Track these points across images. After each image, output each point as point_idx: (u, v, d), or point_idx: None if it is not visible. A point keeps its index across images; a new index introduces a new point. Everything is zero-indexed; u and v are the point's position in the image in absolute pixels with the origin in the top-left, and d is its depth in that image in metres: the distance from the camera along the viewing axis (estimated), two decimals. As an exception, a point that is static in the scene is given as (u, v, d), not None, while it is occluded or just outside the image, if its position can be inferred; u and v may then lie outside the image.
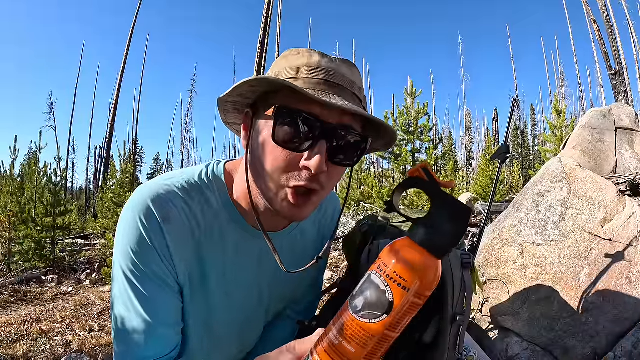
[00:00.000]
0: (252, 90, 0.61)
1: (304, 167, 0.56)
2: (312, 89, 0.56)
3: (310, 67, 0.58)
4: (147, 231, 0.60)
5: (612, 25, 8.64)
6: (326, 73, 0.58)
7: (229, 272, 0.70)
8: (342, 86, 0.58)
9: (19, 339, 2.60)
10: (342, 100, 0.55)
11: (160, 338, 0.62)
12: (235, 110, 0.68)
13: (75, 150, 28.17)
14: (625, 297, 1.50)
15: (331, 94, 0.56)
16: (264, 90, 0.61)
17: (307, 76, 0.57)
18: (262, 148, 0.59)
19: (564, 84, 29.40)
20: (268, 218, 0.68)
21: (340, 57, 0.62)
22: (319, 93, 0.55)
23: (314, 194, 0.60)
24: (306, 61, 0.59)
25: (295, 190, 0.58)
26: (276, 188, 0.59)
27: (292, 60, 0.60)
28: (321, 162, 0.54)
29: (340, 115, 0.56)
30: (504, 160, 1.16)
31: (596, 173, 1.98)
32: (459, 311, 0.77)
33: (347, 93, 0.59)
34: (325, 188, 0.60)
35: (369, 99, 32.60)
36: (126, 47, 15.87)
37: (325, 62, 0.59)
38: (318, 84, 0.57)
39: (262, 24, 8.73)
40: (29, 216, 5.02)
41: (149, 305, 0.61)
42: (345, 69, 0.60)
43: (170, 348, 0.64)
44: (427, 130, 7.23)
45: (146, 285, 0.61)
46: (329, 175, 0.59)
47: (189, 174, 0.68)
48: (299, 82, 0.57)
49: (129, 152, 11.05)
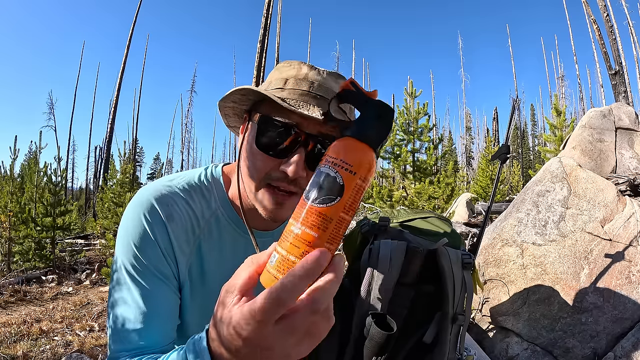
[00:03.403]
0: (245, 98, 0.66)
1: (282, 171, 0.60)
2: (295, 99, 0.60)
3: (296, 79, 0.63)
4: (152, 228, 0.63)
5: (612, 25, 8.64)
6: (310, 85, 0.62)
7: (227, 268, 0.72)
8: (324, 98, 0.62)
9: (19, 339, 2.60)
10: (320, 111, 0.58)
11: (157, 330, 0.63)
12: (235, 115, 0.73)
13: (75, 150, 28.14)
14: (625, 297, 1.50)
15: (312, 104, 0.60)
16: (255, 98, 0.66)
17: (292, 87, 0.62)
18: (248, 151, 0.64)
19: (564, 84, 29.40)
20: (259, 217, 0.71)
21: (330, 71, 0.66)
22: (300, 104, 0.59)
23: (294, 195, 0.63)
24: (294, 73, 0.64)
25: (274, 190, 0.62)
26: (257, 188, 0.63)
27: (283, 71, 0.65)
28: (298, 168, 0.58)
29: (319, 125, 0.60)
30: (504, 161, 1.16)
31: (596, 173, 1.98)
32: (460, 311, 0.77)
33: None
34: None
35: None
36: (126, 47, 15.88)
37: (312, 74, 0.64)
38: (301, 94, 0.61)
39: (262, 24, 8.72)
40: (29, 216, 5.02)
41: (149, 298, 0.62)
42: (331, 82, 0.64)
43: (166, 342, 0.65)
44: (427, 130, 7.23)
45: (148, 280, 0.63)
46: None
47: (190, 176, 0.73)
48: (284, 93, 0.61)
49: (129, 152, 11.05)
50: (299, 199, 0.62)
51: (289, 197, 0.63)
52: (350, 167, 0.37)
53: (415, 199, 5.78)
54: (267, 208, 0.63)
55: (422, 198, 5.62)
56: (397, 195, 6.40)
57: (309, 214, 0.37)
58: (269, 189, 0.62)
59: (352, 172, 0.37)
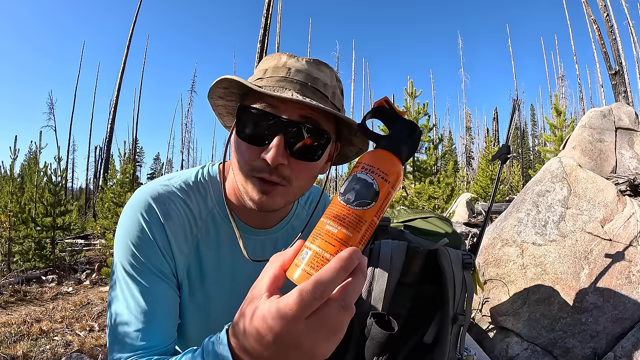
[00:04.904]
0: (229, 92, 0.65)
1: (263, 159, 0.58)
2: (272, 86, 0.59)
3: (275, 68, 0.62)
4: (149, 227, 0.63)
5: (612, 25, 8.64)
6: (287, 71, 0.61)
7: (225, 267, 0.73)
8: (301, 82, 0.61)
9: (19, 339, 2.60)
10: (298, 95, 0.57)
11: (159, 330, 0.63)
12: (229, 114, 0.72)
13: (75, 150, 28.09)
14: (625, 297, 1.50)
15: (288, 89, 0.59)
16: (238, 91, 0.65)
17: (270, 75, 0.62)
18: (234, 145, 0.64)
19: (564, 84, 29.38)
20: (256, 215, 0.71)
21: (313, 58, 0.65)
22: (276, 89, 0.58)
23: (280, 186, 0.62)
24: (274, 63, 0.63)
25: (259, 180, 0.61)
26: (244, 179, 0.63)
27: (265, 63, 0.65)
28: (276, 154, 0.57)
29: (298, 109, 0.58)
30: (505, 161, 1.16)
31: (596, 173, 1.98)
32: (460, 311, 0.77)
33: (307, 87, 0.61)
34: (291, 182, 0.62)
35: (369, 99, 32.59)
36: (126, 47, 15.87)
37: (291, 62, 0.63)
38: (278, 80, 0.60)
39: (262, 24, 8.72)
40: (29, 216, 5.02)
41: (149, 297, 0.62)
42: (311, 67, 0.63)
43: (168, 341, 0.65)
44: (427, 130, 7.23)
45: (147, 278, 0.63)
46: (292, 169, 0.61)
47: (187, 175, 0.73)
48: (263, 82, 0.61)
49: (129, 152, 11.04)
50: (285, 189, 0.63)
51: (273, 186, 0.62)
52: (385, 175, 0.41)
53: (415, 199, 5.78)
54: (254, 199, 0.62)
55: (422, 198, 5.62)
56: (397, 195, 6.40)
57: (346, 214, 0.39)
58: (253, 179, 0.62)
59: (386, 181, 0.41)
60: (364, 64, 35.88)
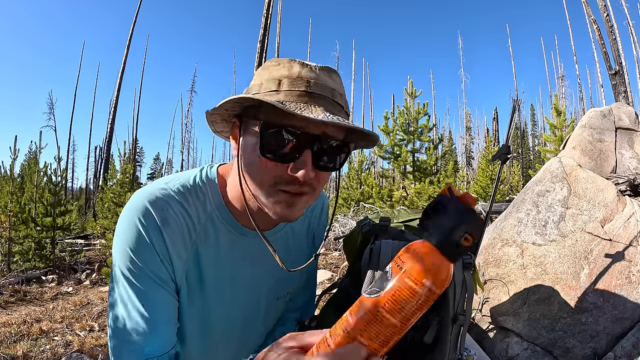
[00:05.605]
0: (235, 105, 0.64)
1: (291, 175, 0.59)
2: (294, 101, 0.58)
3: (291, 79, 0.60)
4: (147, 232, 0.62)
5: (612, 25, 8.63)
6: (307, 84, 0.60)
7: (224, 272, 0.72)
8: (323, 96, 0.60)
9: (19, 339, 2.60)
10: (323, 111, 0.57)
11: (160, 336, 0.63)
12: (223, 121, 0.71)
13: (75, 150, 28.10)
14: (625, 297, 1.51)
15: (313, 105, 0.59)
16: (248, 104, 0.64)
17: (289, 88, 0.60)
18: (252, 159, 0.62)
19: (564, 84, 29.37)
20: (259, 218, 0.70)
21: (321, 65, 0.64)
22: (301, 106, 0.57)
23: (305, 195, 0.63)
24: (287, 73, 0.61)
25: (285, 194, 0.62)
26: (268, 194, 0.62)
27: (273, 71, 0.62)
28: (308, 171, 0.58)
29: (323, 125, 0.59)
30: (505, 161, 1.15)
31: (596, 173, 1.98)
32: (460, 311, 0.77)
33: (329, 102, 0.61)
34: (315, 190, 0.64)
35: (369, 99, 32.60)
36: (126, 47, 15.87)
37: (305, 72, 0.61)
38: (300, 95, 0.59)
39: (262, 24, 8.72)
40: (29, 216, 5.02)
41: (148, 303, 0.62)
42: (325, 77, 0.62)
43: (169, 346, 0.65)
44: (427, 130, 7.23)
45: (145, 284, 0.62)
46: (317, 179, 0.63)
47: (185, 178, 0.71)
48: (280, 95, 0.59)
49: (129, 152, 11.04)
50: (309, 197, 0.64)
51: (299, 197, 0.63)
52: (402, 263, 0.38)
53: (415, 199, 5.78)
54: (278, 212, 0.62)
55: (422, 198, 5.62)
56: (397, 195, 6.41)
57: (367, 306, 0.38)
58: (280, 193, 0.62)
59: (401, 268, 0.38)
60: (364, 64, 35.89)
